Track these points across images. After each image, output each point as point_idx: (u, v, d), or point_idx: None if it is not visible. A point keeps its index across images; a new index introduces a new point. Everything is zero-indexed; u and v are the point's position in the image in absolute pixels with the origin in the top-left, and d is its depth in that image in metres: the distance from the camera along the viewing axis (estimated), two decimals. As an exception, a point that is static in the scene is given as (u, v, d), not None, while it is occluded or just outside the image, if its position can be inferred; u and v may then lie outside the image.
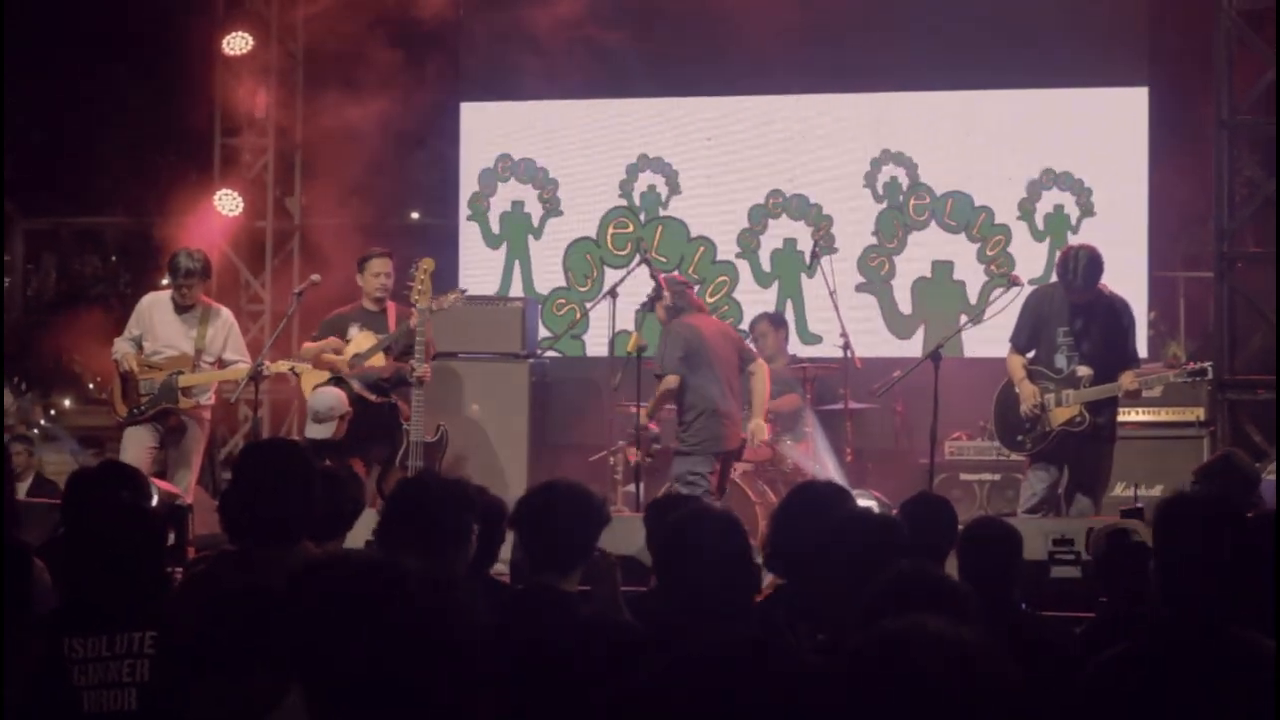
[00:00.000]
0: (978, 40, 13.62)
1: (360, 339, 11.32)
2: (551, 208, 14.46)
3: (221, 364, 11.47)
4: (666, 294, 11.33)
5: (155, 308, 11.53)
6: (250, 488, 4.98)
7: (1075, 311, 10.20)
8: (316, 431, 10.82)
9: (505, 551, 6.26)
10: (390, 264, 11.54)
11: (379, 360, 11.24)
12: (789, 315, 13.62)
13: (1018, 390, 10.28)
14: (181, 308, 11.45)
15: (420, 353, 10.98)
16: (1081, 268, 10.03)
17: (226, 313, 11.72)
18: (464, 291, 11.56)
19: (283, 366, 11.62)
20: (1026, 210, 13.62)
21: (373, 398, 11.15)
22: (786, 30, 13.82)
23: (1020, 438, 10.34)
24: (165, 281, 12.20)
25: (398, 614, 2.53)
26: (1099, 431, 10.18)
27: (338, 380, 11.17)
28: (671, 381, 10.96)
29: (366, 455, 11.12)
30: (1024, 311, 10.45)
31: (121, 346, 11.47)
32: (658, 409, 11.25)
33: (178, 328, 11.43)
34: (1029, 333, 10.38)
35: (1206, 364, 10.82)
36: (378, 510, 10.34)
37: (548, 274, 14.34)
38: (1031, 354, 10.37)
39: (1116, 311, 10.30)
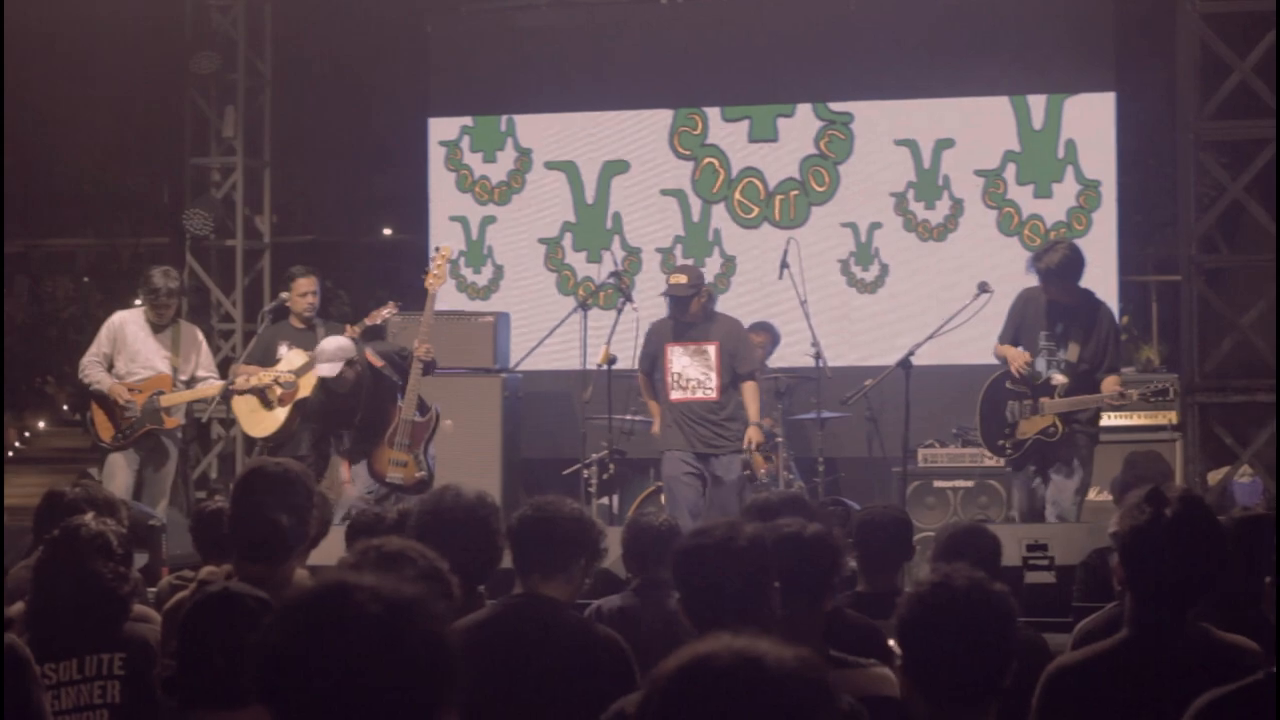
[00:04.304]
0: (943, 48, 13.60)
1: (291, 356, 11.27)
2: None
3: (194, 381, 11.46)
4: (704, 291, 11.28)
5: (128, 326, 11.47)
6: (255, 507, 4.99)
7: (1056, 315, 10.18)
8: (325, 370, 10.55)
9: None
10: (315, 282, 11.50)
11: (311, 379, 11.10)
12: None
13: (1006, 356, 10.25)
14: (157, 327, 11.43)
15: (424, 332, 10.80)
16: (1057, 259, 10.01)
17: (195, 330, 11.74)
18: (398, 305, 11.46)
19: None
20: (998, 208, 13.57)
21: (380, 363, 10.87)
22: (739, 43, 13.86)
23: (1002, 442, 10.31)
24: (138, 301, 12.16)
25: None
26: (1073, 438, 10.17)
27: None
28: None
29: (351, 425, 10.87)
30: (1011, 312, 10.43)
31: (96, 372, 11.37)
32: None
33: (153, 346, 11.40)
34: (1012, 335, 10.37)
35: (1168, 384, 11.03)
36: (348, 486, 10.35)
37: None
38: None
39: (1098, 317, 10.26)
